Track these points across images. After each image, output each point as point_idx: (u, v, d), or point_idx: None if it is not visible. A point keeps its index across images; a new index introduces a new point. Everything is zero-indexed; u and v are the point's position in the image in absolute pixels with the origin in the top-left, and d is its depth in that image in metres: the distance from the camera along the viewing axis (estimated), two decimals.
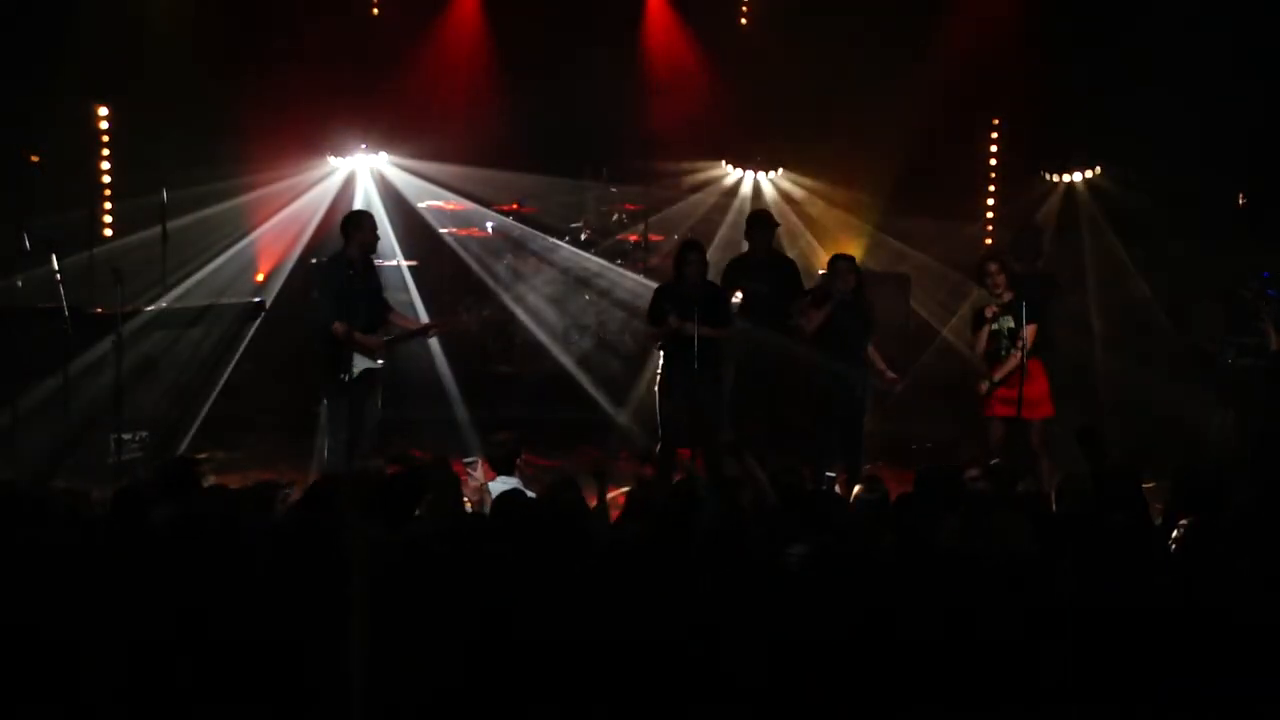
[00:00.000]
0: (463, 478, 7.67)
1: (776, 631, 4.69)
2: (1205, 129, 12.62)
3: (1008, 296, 9.37)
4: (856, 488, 7.20)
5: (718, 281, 9.95)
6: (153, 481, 6.39)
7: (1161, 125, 12.77)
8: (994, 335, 9.39)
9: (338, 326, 9.04)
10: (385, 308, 9.58)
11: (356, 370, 9.09)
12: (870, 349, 9.54)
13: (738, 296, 10.03)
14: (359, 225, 9.34)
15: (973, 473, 7.25)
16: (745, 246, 10.31)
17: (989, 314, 9.41)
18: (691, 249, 9.59)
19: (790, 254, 13.39)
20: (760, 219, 10.34)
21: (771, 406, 9.89)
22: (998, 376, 9.31)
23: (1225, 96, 12.55)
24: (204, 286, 13.30)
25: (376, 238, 9.41)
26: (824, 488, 8.77)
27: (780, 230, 14.75)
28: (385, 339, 9.31)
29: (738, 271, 10.13)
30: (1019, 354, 9.15)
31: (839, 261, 9.63)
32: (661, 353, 9.52)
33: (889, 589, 4.91)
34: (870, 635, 4.66)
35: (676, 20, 15.44)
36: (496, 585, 4.89)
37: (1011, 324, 9.27)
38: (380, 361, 9.25)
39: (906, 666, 4.57)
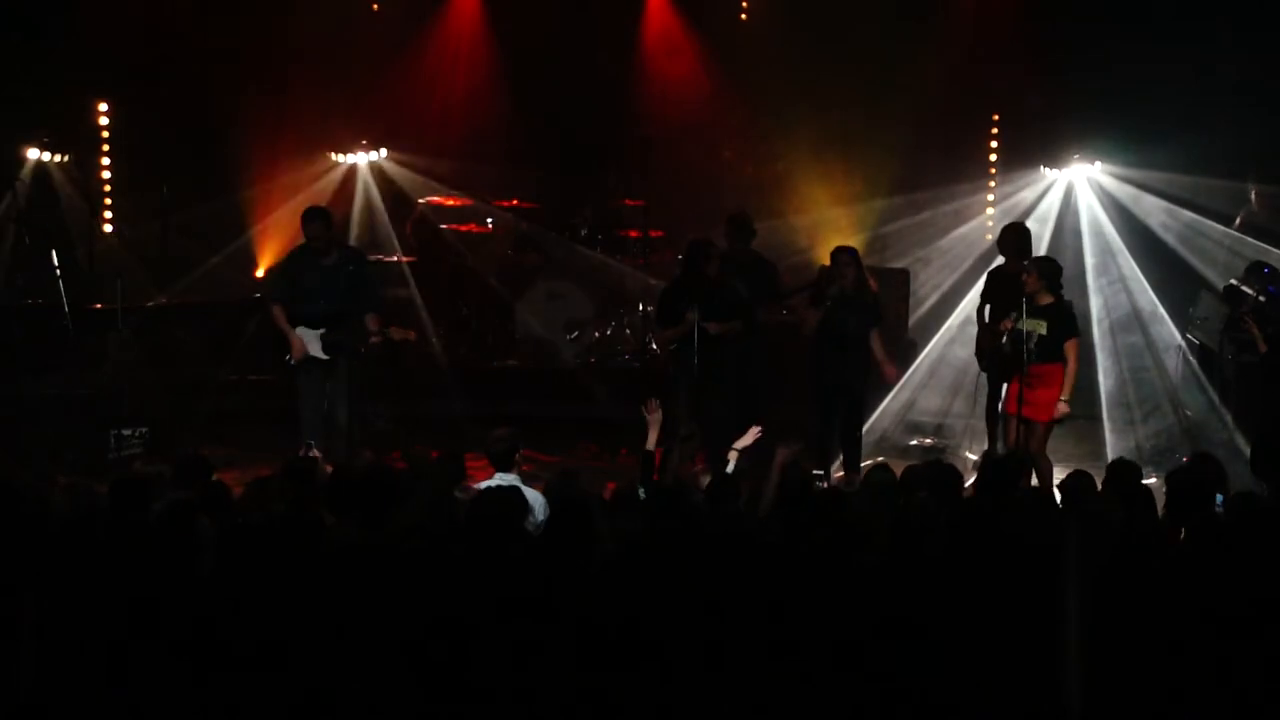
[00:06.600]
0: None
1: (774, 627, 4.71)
2: (1205, 126, 12.61)
3: (1045, 300, 9.04)
4: (864, 470, 7.04)
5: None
6: (167, 472, 6.39)
7: (1162, 122, 12.77)
8: (1016, 335, 8.97)
9: (274, 308, 9.26)
10: (361, 305, 9.34)
11: (296, 358, 9.18)
12: (874, 339, 9.48)
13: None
14: (306, 219, 9.42)
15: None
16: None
17: (1006, 326, 9.15)
18: (712, 246, 9.54)
19: (791, 250, 13.41)
20: (740, 223, 10.29)
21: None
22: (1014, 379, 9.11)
23: (1225, 93, 12.55)
24: (204, 282, 13.32)
25: (320, 232, 9.32)
26: (822, 484, 8.72)
27: (780, 225, 14.85)
28: (327, 336, 9.21)
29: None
30: (1060, 365, 8.94)
31: (839, 256, 9.55)
32: (676, 350, 9.43)
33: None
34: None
35: (677, 15, 15.43)
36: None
37: (1044, 330, 8.94)
38: (324, 356, 9.24)
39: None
